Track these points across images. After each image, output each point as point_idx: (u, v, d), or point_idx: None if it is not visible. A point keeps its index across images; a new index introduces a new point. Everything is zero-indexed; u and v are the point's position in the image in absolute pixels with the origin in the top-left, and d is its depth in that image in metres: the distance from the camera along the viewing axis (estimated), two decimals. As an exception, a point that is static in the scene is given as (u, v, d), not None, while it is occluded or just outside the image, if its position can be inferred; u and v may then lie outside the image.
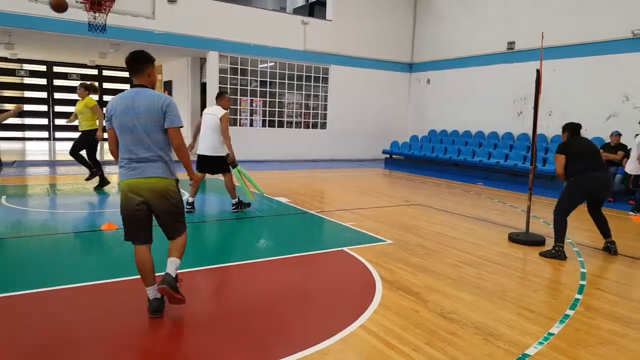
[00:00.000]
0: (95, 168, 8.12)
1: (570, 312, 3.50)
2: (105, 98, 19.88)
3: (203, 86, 15.46)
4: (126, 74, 20.24)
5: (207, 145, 6.36)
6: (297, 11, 16.95)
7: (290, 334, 3.05)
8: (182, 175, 3.51)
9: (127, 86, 20.49)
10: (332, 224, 6.34)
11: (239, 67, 14.33)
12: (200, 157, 6.44)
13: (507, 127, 13.63)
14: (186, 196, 6.35)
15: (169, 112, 3.11)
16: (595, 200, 5.27)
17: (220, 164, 6.44)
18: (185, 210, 6.47)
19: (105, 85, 19.85)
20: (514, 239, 5.61)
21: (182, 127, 3.19)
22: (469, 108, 14.87)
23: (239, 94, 14.47)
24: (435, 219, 6.83)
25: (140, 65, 3.20)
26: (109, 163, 11.04)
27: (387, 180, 11.86)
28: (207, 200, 8.00)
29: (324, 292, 3.89)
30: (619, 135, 9.52)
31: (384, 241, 5.42)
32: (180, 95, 17.06)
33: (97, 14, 9.49)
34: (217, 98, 6.53)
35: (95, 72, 19.40)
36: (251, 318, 3.27)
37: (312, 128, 16.05)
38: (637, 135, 8.53)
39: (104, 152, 12.99)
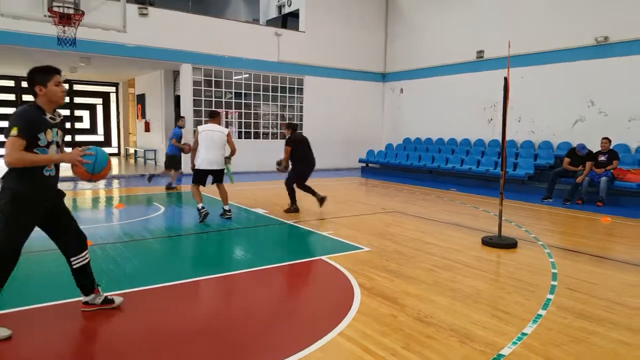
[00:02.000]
0: None
1: (542, 312, 3.61)
2: (77, 113, 19.52)
3: (177, 99, 15.36)
4: (99, 88, 19.96)
5: (215, 160, 6.96)
6: (270, 23, 17.05)
7: (269, 345, 3.05)
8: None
9: (99, 100, 20.19)
10: (309, 234, 6.37)
11: (213, 79, 14.30)
12: (204, 171, 6.96)
13: (478, 134, 13.96)
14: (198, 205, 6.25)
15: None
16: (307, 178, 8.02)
17: (222, 175, 7.16)
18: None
19: (77, 100, 19.49)
20: (487, 242, 5.74)
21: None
22: (442, 116, 15.18)
23: (213, 106, 14.42)
24: (410, 225, 6.94)
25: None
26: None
27: (364, 188, 11.97)
28: (182, 213, 7.93)
29: (303, 301, 3.91)
30: (587, 151, 9.55)
31: (361, 249, 5.47)
32: (153, 108, 16.90)
33: (66, 28, 9.35)
34: (213, 117, 7.21)
35: (65, 86, 19.05)
36: (230, 330, 3.26)
37: (288, 138, 16.07)
38: None
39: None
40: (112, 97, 20.62)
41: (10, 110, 18.28)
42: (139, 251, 5.40)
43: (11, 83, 18.11)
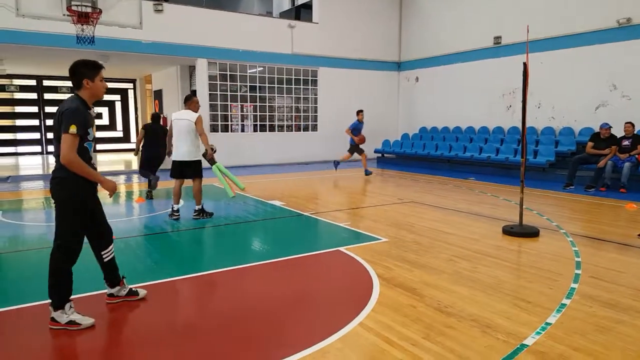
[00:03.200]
0: None
1: (566, 302, 3.54)
2: (97, 109, 19.79)
3: (193, 93, 15.47)
4: (117, 85, 20.21)
5: (185, 150, 6.39)
6: (284, 15, 16.99)
7: (290, 335, 3.07)
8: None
9: (118, 96, 20.44)
10: (327, 225, 6.36)
11: (228, 73, 14.34)
12: (176, 163, 6.48)
13: (497, 122, 13.72)
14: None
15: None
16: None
17: (198, 168, 6.51)
18: (173, 218, 6.54)
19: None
20: (508, 231, 5.65)
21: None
22: (459, 104, 14.96)
23: (229, 100, 14.48)
24: (428, 215, 6.87)
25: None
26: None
27: (380, 179, 11.90)
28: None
29: (322, 292, 3.91)
30: (610, 127, 9.53)
31: (379, 239, 5.45)
32: (170, 103, 17.04)
33: (84, 26, 9.48)
34: (186, 102, 6.54)
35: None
36: (250, 321, 3.29)
37: (303, 131, 16.08)
38: None
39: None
40: (130, 93, 20.87)
41: (32, 109, 18.67)
42: (160, 244, 5.47)
43: (33, 82, 18.46)
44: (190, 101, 6.52)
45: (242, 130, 15.29)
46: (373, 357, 2.74)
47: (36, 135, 18.85)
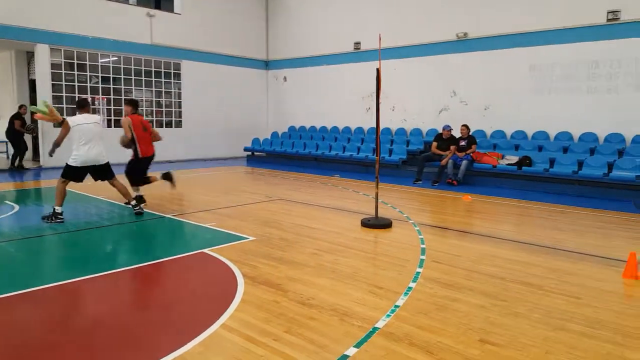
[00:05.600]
0: None
1: (412, 285, 3.91)
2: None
3: (32, 83, 13.63)
4: None
5: (99, 152, 6.41)
6: (142, 3, 15.90)
7: (146, 344, 2.88)
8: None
9: None
10: (191, 226, 6.13)
11: (75, 61, 12.94)
12: (86, 168, 6.33)
13: (358, 122, 14.64)
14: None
15: None
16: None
17: (110, 169, 6.62)
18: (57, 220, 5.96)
19: None
20: (366, 223, 6.07)
21: None
22: (325, 104, 15.62)
23: (76, 92, 13.07)
24: (295, 212, 7.05)
25: None
26: None
27: (249, 177, 11.87)
28: (41, 212, 7.10)
29: (183, 296, 3.75)
30: (450, 129, 10.78)
31: (246, 238, 5.42)
32: (4, 93, 14.79)
33: None
34: (85, 106, 6.51)
35: None
36: (102, 332, 3.01)
37: (165, 127, 15.25)
38: None
39: None
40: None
41: None
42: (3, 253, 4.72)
43: None
44: (88, 106, 6.59)
45: (95, 126, 13.95)
46: (235, 357, 2.71)
47: None
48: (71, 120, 6.31)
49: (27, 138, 13.17)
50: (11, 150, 12.53)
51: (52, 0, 12.13)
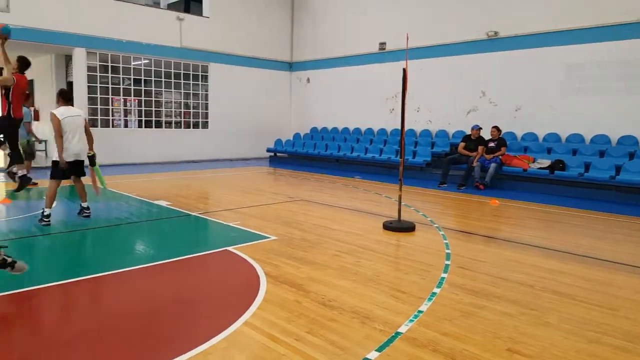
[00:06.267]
0: None
1: (437, 290, 3.86)
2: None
3: (70, 85, 14.07)
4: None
5: (81, 148, 6.16)
6: (172, 7, 16.23)
7: (173, 338, 2.92)
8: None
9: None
10: (215, 225, 6.21)
11: (109, 64, 13.30)
12: (70, 163, 6.02)
13: (381, 124, 14.56)
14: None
15: None
16: None
17: (83, 167, 6.31)
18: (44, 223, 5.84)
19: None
20: (388, 226, 6.02)
21: None
22: (347, 105, 15.60)
23: (110, 93, 13.43)
24: (317, 213, 7.05)
25: None
26: None
27: (272, 178, 11.94)
28: (74, 207, 7.30)
29: (208, 293, 3.80)
30: (479, 129, 10.64)
31: (268, 238, 5.45)
32: (44, 95, 15.31)
33: None
34: (70, 99, 6.30)
35: None
36: (131, 325, 3.08)
37: (193, 128, 15.52)
38: None
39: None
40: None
41: None
42: (28, 249, 4.88)
43: None
44: (69, 96, 6.33)
45: (126, 126, 14.31)
46: (257, 354, 2.73)
47: None
48: (58, 112, 5.96)
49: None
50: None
51: (89, 6, 12.49)
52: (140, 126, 14.23)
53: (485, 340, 2.98)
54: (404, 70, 6.04)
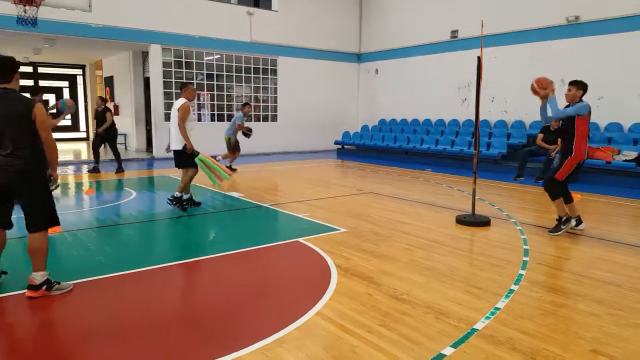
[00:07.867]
0: None
1: (514, 287, 3.69)
2: (44, 97, 18.77)
3: (147, 81, 14.95)
4: (65, 71, 19.24)
5: (172, 139, 6.42)
6: (242, 1, 16.66)
7: (248, 326, 3.04)
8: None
9: (66, 82, 19.49)
10: (286, 216, 6.35)
11: (183, 60, 13.96)
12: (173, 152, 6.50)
13: (452, 114, 14.08)
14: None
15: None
16: None
17: (183, 157, 6.38)
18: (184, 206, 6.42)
19: (42, 83, 18.76)
20: (461, 220, 5.83)
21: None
22: (417, 96, 15.23)
23: (185, 88, 14.09)
24: (386, 206, 6.98)
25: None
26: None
27: (340, 170, 11.98)
28: (154, 197, 7.78)
29: (281, 282, 3.90)
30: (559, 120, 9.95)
31: (337, 230, 5.48)
32: (122, 91, 16.42)
33: (27, 7, 8.91)
34: (181, 89, 6.54)
35: (30, 69, 18.29)
36: (208, 313, 3.24)
37: (262, 121, 15.91)
38: None
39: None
40: (79, 79, 19.92)
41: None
42: (111, 237, 5.29)
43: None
44: (184, 89, 6.47)
45: (199, 120, 14.97)
46: (330, 345, 2.77)
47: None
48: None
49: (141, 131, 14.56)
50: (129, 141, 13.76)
51: (164, 3, 13.15)
52: (212, 120, 14.83)
53: (568, 340, 2.81)
54: (479, 59, 5.79)
